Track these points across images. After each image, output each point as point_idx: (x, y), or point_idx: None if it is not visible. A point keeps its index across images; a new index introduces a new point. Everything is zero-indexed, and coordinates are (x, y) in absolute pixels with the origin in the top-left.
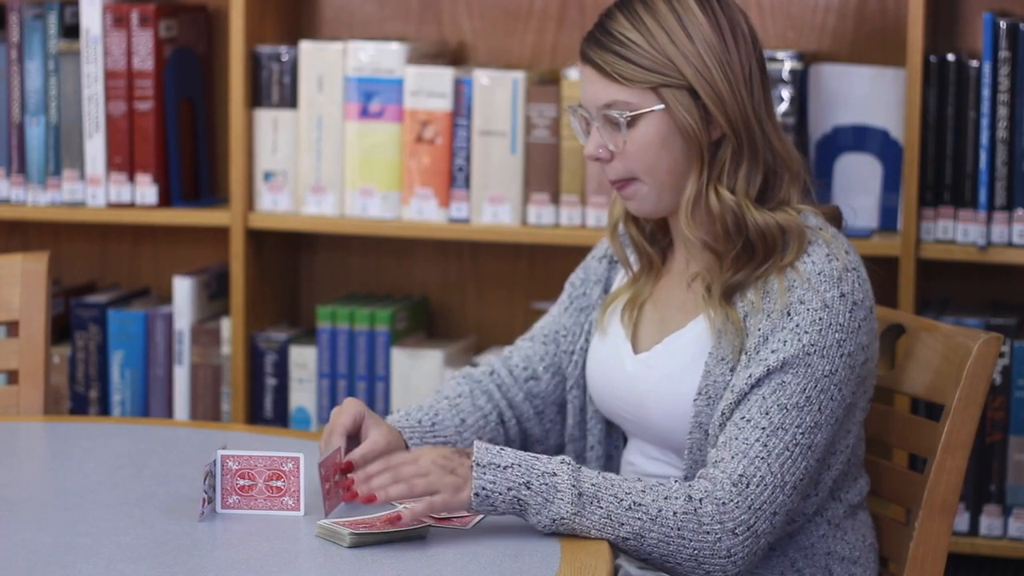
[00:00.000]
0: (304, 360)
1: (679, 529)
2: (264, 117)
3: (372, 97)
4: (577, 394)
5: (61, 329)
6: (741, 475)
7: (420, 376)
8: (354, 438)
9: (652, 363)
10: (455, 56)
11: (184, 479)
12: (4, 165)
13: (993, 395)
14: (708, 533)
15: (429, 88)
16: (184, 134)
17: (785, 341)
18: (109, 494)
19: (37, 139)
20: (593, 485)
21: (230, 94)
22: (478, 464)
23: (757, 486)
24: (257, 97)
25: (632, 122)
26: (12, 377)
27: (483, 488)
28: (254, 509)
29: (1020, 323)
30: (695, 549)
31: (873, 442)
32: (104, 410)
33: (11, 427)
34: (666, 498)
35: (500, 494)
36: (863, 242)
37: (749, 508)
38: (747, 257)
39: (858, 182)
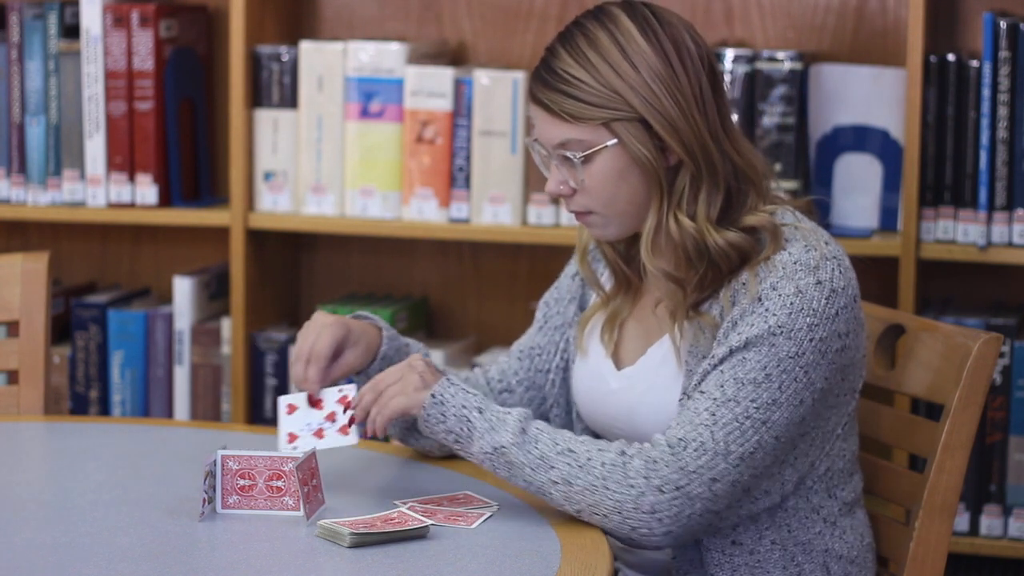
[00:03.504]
0: None
1: (604, 479)
2: (264, 117)
3: (372, 97)
4: (558, 413)
5: (61, 329)
6: (680, 439)
7: None
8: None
9: (636, 377)
10: (455, 56)
11: (184, 479)
12: (4, 165)
13: (993, 395)
14: (632, 487)
15: (429, 88)
16: (184, 134)
17: (752, 324)
18: (109, 494)
19: (37, 139)
20: (538, 429)
21: (230, 94)
22: (448, 379)
23: (695, 451)
24: (257, 97)
25: (587, 159)
26: (12, 377)
27: (441, 394)
28: (254, 509)
29: (1020, 323)
30: (617, 501)
31: (873, 442)
32: (104, 410)
33: (11, 427)
34: (600, 449)
35: (453, 407)
36: (863, 242)
37: (681, 470)
38: (713, 276)
39: (858, 182)
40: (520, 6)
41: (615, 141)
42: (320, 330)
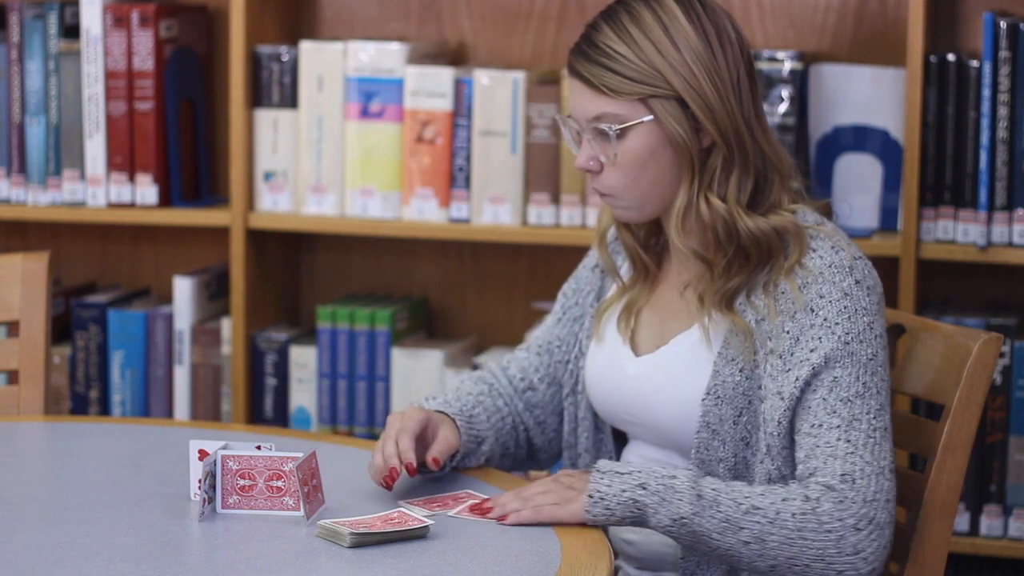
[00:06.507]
0: (304, 360)
1: (799, 530)
2: (264, 117)
3: (372, 97)
4: (572, 401)
5: (61, 329)
6: (843, 474)
7: (420, 376)
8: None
9: (657, 364)
10: (455, 56)
11: (184, 479)
12: (4, 165)
13: (993, 395)
14: (830, 531)
15: (429, 88)
16: (184, 134)
17: (820, 338)
18: (109, 494)
19: (37, 139)
20: (713, 490)
21: (230, 94)
22: (598, 470)
23: (863, 478)
24: (257, 97)
25: (622, 134)
26: (12, 377)
27: (598, 491)
28: (254, 509)
29: (1020, 323)
30: (820, 549)
31: None
32: (104, 410)
33: (11, 427)
34: (784, 499)
35: (615, 496)
36: (863, 242)
37: (864, 500)
38: (740, 263)
39: (858, 182)
40: (520, 6)
41: (651, 117)
42: (406, 413)
